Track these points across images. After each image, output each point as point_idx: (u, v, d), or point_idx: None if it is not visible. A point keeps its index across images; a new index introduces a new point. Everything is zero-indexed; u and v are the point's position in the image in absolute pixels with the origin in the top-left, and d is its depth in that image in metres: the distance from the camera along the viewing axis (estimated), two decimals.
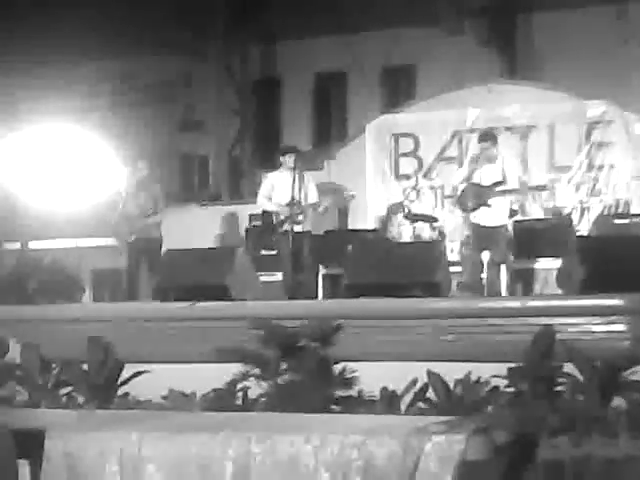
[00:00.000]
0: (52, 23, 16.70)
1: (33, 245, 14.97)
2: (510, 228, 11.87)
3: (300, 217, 11.41)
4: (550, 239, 12.14)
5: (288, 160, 11.59)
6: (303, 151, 12.97)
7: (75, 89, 17.43)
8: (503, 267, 11.46)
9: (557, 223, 12.78)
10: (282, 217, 11.43)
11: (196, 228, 13.48)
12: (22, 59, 16.24)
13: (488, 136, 11.58)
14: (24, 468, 5.33)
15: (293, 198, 11.31)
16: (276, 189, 11.64)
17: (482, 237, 11.22)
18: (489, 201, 11.12)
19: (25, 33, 16.31)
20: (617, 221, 12.28)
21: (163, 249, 11.36)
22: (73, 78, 17.54)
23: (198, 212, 14.87)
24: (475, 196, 11.12)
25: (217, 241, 14.25)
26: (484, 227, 11.19)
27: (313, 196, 11.63)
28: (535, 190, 13.13)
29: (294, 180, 11.37)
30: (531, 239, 12.28)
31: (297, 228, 11.37)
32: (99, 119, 16.51)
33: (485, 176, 11.24)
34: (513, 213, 11.67)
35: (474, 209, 11.19)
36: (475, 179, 11.24)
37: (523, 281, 12.22)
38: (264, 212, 11.79)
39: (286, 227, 11.35)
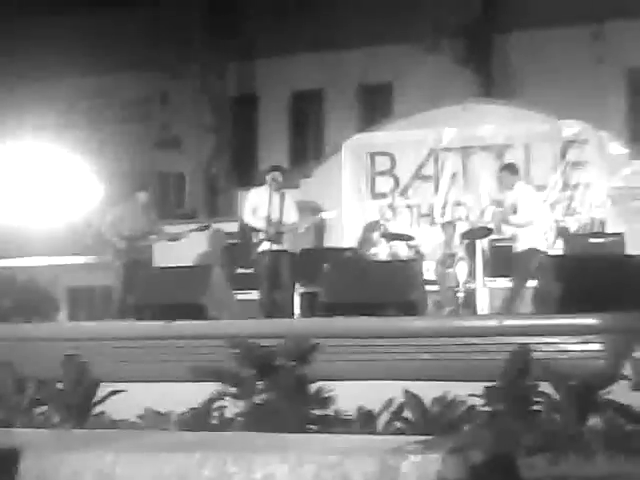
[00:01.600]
0: (30, 40, 16.71)
1: (7, 263, 14.87)
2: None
3: (279, 236, 11.36)
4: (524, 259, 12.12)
5: (274, 178, 11.56)
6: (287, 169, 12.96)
7: (52, 106, 17.40)
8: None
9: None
10: (261, 235, 11.38)
11: (176, 246, 13.31)
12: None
13: (510, 167, 11.53)
14: None
15: (272, 216, 11.31)
16: (259, 206, 11.56)
17: (507, 261, 11.21)
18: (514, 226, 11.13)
19: (2, 50, 16.30)
20: (592, 240, 12.29)
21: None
22: (50, 95, 17.51)
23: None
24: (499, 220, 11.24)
25: (198, 259, 14.10)
26: (515, 252, 11.09)
27: (293, 215, 11.59)
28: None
29: (277, 198, 11.38)
30: (507, 258, 12.26)
31: (274, 246, 11.34)
32: (76, 136, 16.46)
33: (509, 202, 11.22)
34: (488, 232, 11.70)
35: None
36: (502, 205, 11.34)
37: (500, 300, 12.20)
38: (241, 230, 11.74)
39: (264, 245, 11.32)
